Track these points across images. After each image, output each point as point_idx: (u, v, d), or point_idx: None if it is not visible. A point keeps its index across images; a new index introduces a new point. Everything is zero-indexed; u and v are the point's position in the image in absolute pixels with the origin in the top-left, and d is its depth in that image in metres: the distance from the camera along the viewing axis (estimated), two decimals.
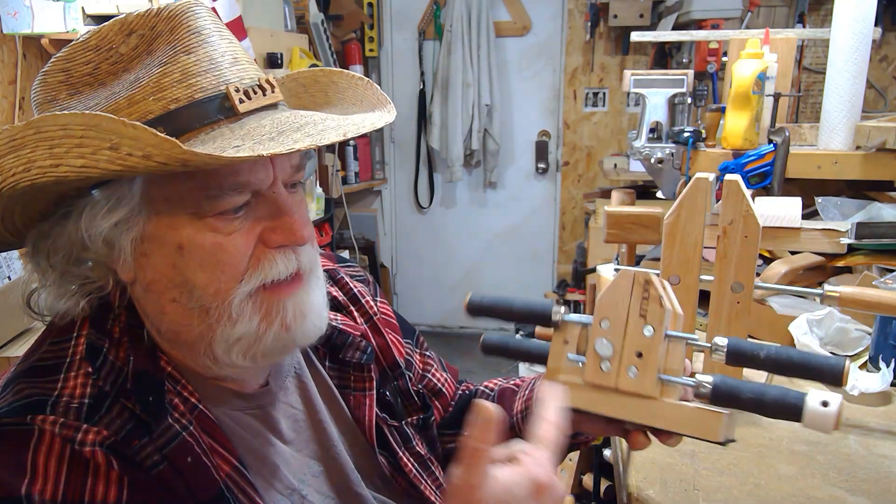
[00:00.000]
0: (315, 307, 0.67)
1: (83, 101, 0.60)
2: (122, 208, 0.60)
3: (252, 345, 0.63)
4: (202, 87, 0.59)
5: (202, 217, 0.60)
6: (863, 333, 1.20)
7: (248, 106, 0.61)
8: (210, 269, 0.61)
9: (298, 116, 0.62)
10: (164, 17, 0.60)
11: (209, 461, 0.63)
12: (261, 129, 0.59)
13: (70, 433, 0.56)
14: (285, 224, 0.62)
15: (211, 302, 0.62)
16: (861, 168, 1.50)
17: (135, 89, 0.59)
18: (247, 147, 0.56)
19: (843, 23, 1.49)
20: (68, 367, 0.61)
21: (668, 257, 1.01)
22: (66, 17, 2.49)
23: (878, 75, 3.38)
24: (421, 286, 4.38)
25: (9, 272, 2.05)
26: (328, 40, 3.34)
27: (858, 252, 1.32)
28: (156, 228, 0.61)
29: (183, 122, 0.58)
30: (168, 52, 0.59)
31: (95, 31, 0.61)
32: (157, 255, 0.61)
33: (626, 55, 3.76)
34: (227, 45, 0.62)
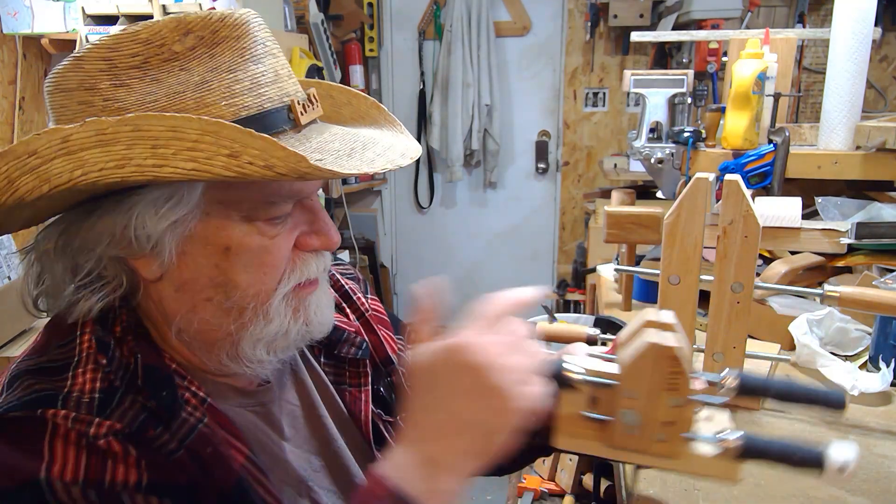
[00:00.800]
0: (329, 302, 0.72)
1: (134, 93, 0.58)
2: (182, 209, 0.60)
3: (276, 340, 0.67)
4: (270, 97, 0.62)
5: (252, 221, 0.62)
6: (863, 333, 1.20)
7: (306, 118, 0.64)
8: (254, 271, 0.63)
9: (344, 134, 0.66)
10: (229, 24, 0.61)
11: (226, 451, 0.63)
12: (329, 144, 0.63)
13: (83, 427, 0.56)
14: (322, 230, 0.67)
15: (249, 302, 0.64)
16: (861, 168, 1.50)
17: (202, 92, 0.59)
18: (330, 160, 0.60)
19: (843, 23, 1.49)
20: (76, 365, 0.61)
21: (668, 257, 1.01)
22: (66, 17, 2.49)
23: (878, 75, 3.38)
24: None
25: (9, 272, 2.05)
26: (328, 40, 3.34)
27: (858, 252, 1.32)
28: (204, 229, 0.61)
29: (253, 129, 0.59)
30: (237, 60, 0.61)
31: (147, 25, 0.60)
32: (199, 255, 0.62)
33: (626, 55, 3.76)
34: (283, 58, 0.66)
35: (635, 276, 1.55)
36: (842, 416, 0.66)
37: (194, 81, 0.59)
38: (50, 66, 2.84)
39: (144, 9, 2.35)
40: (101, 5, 2.37)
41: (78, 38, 2.40)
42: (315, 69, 2.88)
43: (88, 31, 2.39)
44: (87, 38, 2.40)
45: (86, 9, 2.38)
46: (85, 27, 2.39)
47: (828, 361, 1.13)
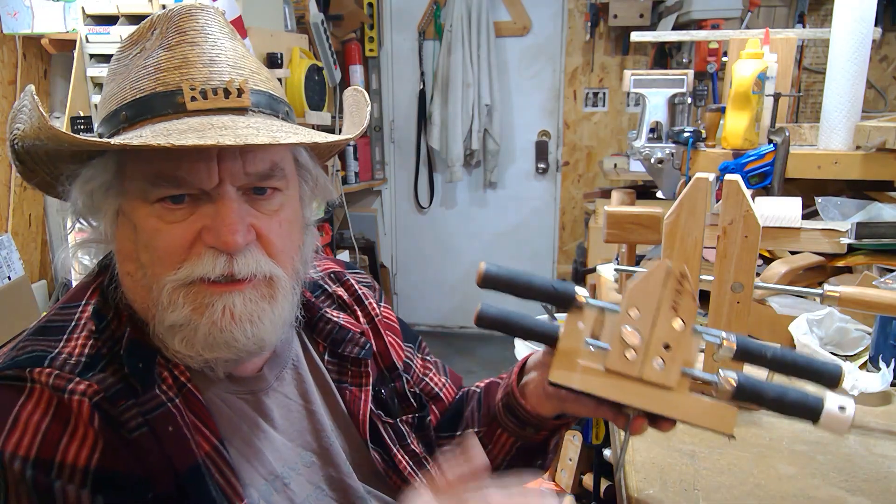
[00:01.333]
0: (253, 317, 0.66)
1: (112, 84, 0.69)
2: (100, 177, 0.66)
3: (189, 336, 0.65)
4: (165, 81, 0.65)
5: (149, 202, 0.64)
6: (863, 333, 1.20)
7: (199, 105, 0.64)
8: (150, 252, 0.65)
9: (232, 122, 0.63)
10: (167, 17, 0.68)
11: (189, 435, 0.65)
12: (181, 125, 0.62)
13: (62, 383, 0.60)
14: (216, 226, 0.64)
15: (152, 283, 0.66)
16: (861, 168, 1.50)
17: (124, 78, 0.68)
18: (139, 139, 0.60)
19: (843, 23, 1.49)
20: (72, 329, 0.66)
21: (668, 257, 1.01)
22: (66, 17, 2.49)
23: (878, 75, 3.38)
24: (421, 286, 4.38)
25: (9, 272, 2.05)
26: (328, 40, 3.34)
27: (858, 252, 1.32)
28: (124, 205, 0.67)
29: (139, 110, 0.65)
30: (153, 48, 0.67)
31: (139, 27, 0.70)
32: (124, 228, 0.67)
33: (626, 55, 3.76)
34: (210, 47, 0.67)
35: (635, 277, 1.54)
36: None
37: (125, 69, 0.68)
38: (50, 66, 2.84)
39: (144, 9, 2.35)
40: (101, 5, 2.37)
41: (78, 38, 2.40)
42: (315, 69, 2.88)
43: (88, 31, 2.39)
44: (86, 37, 2.40)
45: (86, 9, 2.38)
46: (85, 27, 2.39)
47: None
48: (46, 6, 2.49)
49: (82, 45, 2.40)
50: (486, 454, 0.89)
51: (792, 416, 0.64)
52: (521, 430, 0.85)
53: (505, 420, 0.86)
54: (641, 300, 0.65)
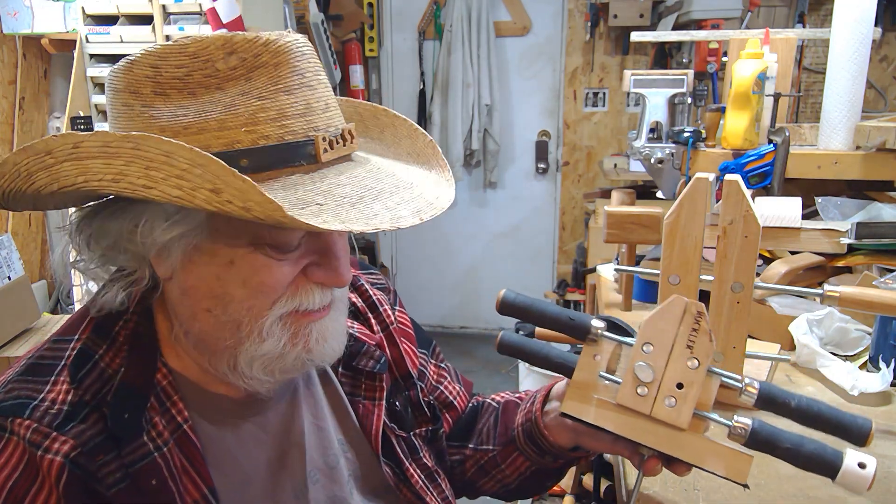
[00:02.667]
0: (337, 333, 0.70)
1: (169, 104, 0.60)
2: (185, 225, 0.61)
3: (274, 361, 0.65)
4: (293, 130, 0.61)
5: (260, 243, 0.62)
6: (863, 333, 1.20)
7: (329, 156, 0.63)
8: (251, 288, 0.63)
9: (372, 177, 0.64)
10: (271, 50, 0.61)
11: (175, 486, 0.64)
12: (340, 188, 0.61)
13: (38, 439, 0.59)
14: (332, 266, 0.65)
15: (244, 318, 0.63)
16: (861, 168, 1.50)
17: (227, 114, 0.59)
18: (328, 209, 0.58)
19: (843, 23, 1.49)
20: (60, 371, 0.64)
21: (668, 257, 1.01)
22: (66, 17, 2.49)
23: (878, 75, 3.38)
24: (421, 286, 4.38)
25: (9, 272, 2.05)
26: (328, 40, 3.34)
27: (858, 252, 1.32)
28: (213, 244, 0.62)
29: (267, 160, 0.60)
30: (269, 87, 0.60)
31: (197, 40, 0.60)
32: (204, 265, 0.63)
33: (626, 55, 3.76)
34: (324, 90, 0.64)
35: (635, 276, 1.55)
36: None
37: (224, 102, 0.59)
38: (50, 66, 2.84)
39: (144, 9, 2.35)
40: (101, 5, 2.37)
41: (78, 38, 2.40)
42: None
43: (88, 31, 2.39)
44: (86, 37, 2.40)
45: (86, 9, 2.38)
46: (85, 27, 2.39)
47: (828, 361, 1.13)
48: (46, 6, 2.49)
49: (82, 45, 2.40)
50: (499, 473, 0.89)
51: (808, 469, 0.61)
52: (539, 457, 0.85)
53: (524, 446, 0.85)
54: (656, 336, 0.64)
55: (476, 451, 0.91)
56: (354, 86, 3.75)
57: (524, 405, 0.89)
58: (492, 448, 0.89)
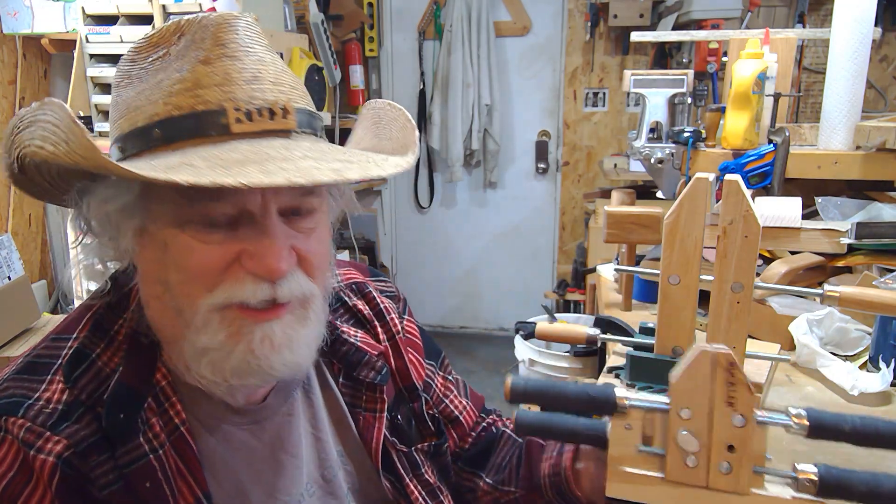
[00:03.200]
0: (291, 342, 0.64)
1: (128, 90, 0.64)
2: (121, 198, 0.62)
3: (219, 361, 0.62)
4: (206, 99, 0.59)
5: (186, 221, 0.60)
6: (863, 333, 1.20)
7: (244, 127, 0.59)
8: (182, 272, 0.61)
9: (285, 148, 0.59)
10: (202, 25, 0.62)
11: (170, 489, 0.63)
12: (231, 153, 0.57)
13: (31, 438, 0.59)
14: (260, 252, 0.60)
15: (182, 304, 0.62)
16: (861, 168, 1.50)
17: (155, 90, 0.61)
18: (194, 170, 0.54)
19: (843, 23, 1.49)
20: (56, 370, 0.64)
21: (668, 257, 1.01)
22: (66, 17, 2.49)
23: (878, 75, 3.38)
24: (421, 286, 4.38)
25: (9, 272, 2.05)
26: (328, 40, 3.34)
27: (858, 252, 1.32)
28: (152, 224, 0.62)
29: (177, 130, 0.59)
30: (192, 61, 0.60)
31: (160, 28, 0.64)
32: (149, 248, 0.63)
33: (626, 55, 3.76)
34: (254, 62, 0.61)
35: (635, 276, 1.55)
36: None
37: (155, 81, 0.61)
38: (50, 66, 2.84)
39: (144, 9, 2.35)
40: (101, 5, 2.37)
41: (78, 38, 2.40)
42: (315, 69, 2.88)
43: (88, 31, 2.39)
44: (86, 37, 2.40)
45: (86, 9, 2.38)
46: (85, 27, 2.39)
47: (828, 361, 1.13)
48: (46, 6, 2.49)
49: (82, 45, 2.40)
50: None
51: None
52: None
53: (550, 496, 0.82)
54: (690, 398, 0.58)
55: (496, 489, 0.87)
56: (354, 86, 3.75)
57: (549, 452, 0.85)
58: (514, 490, 0.86)
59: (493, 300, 4.33)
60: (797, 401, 1.10)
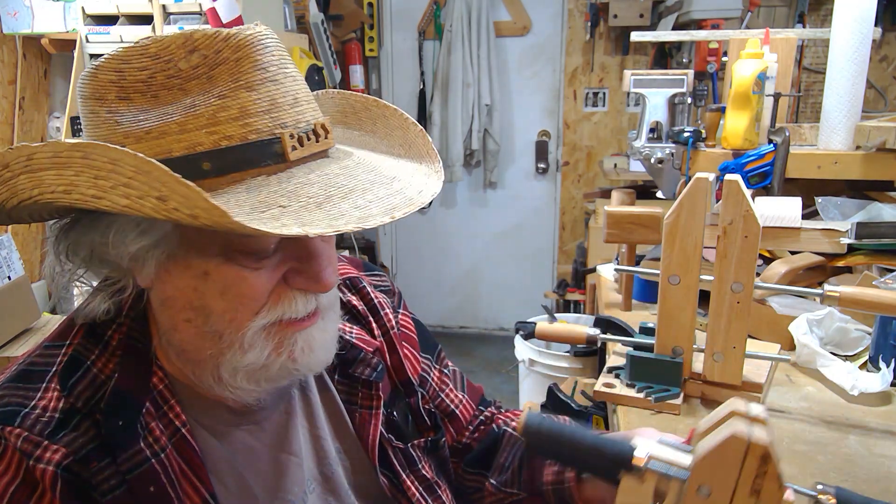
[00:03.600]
0: (325, 342, 0.67)
1: (132, 108, 0.58)
2: (153, 235, 0.59)
3: (258, 371, 0.64)
4: (257, 128, 0.58)
5: (231, 251, 0.60)
6: (863, 333, 1.20)
7: (299, 154, 0.59)
8: (230, 299, 0.61)
9: (346, 174, 0.60)
10: (231, 45, 0.58)
11: (174, 492, 0.63)
12: (307, 187, 0.57)
13: (29, 448, 0.58)
14: (311, 271, 0.62)
15: (225, 329, 0.62)
16: (861, 168, 1.50)
17: (188, 116, 0.57)
18: (290, 212, 0.54)
19: (843, 23, 1.49)
20: (51, 378, 0.63)
21: (668, 257, 1.01)
22: (66, 17, 2.49)
23: (878, 75, 3.38)
24: (421, 286, 4.38)
25: (9, 272, 2.05)
26: (328, 40, 3.34)
27: (858, 252, 1.32)
28: (185, 253, 0.60)
29: (231, 162, 0.57)
30: (230, 85, 0.58)
31: (157, 40, 0.58)
32: (179, 276, 0.61)
33: (626, 55, 3.76)
34: (291, 83, 0.61)
35: (635, 276, 1.55)
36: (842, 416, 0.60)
37: (185, 104, 0.57)
38: (50, 66, 2.84)
39: (144, 9, 2.35)
40: (101, 5, 2.38)
41: (78, 38, 2.40)
42: (315, 69, 2.88)
43: (88, 31, 2.39)
44: (86, 37, 2.40)
45: (86, 9, 2.38)
46: (85, 27, 2.39)
47: (828, 361, 1.13)
48: (46, 6, 2.49)
49: (82, 45, 2.40)
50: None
51: None
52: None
53: (553, 503, 0.82)
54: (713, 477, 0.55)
55: (500, 490, 0.87)
56: (354, 86, 3.75)
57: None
58: (517, 492, 0.86)
59: (492, 300, 4.33)
60: (797, 401, 1.10)
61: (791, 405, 1.08)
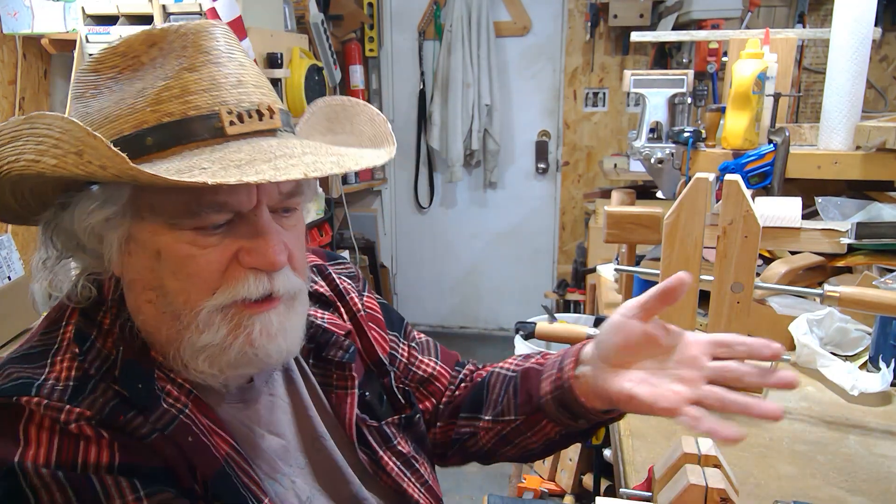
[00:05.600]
0: (286, 331, 0.68)
1: (100, 99, 0.64)
2: (110, 207, 0.63)
3: (217, 355, 0.65)
4: (197, 105, 0.62)
5: (180, 228, 0.62)
6: (863, 333, 1.20)
7: (238, 129, 0.62)
8: (182, 279, 0.63)
9: (282, 146, 0.63)
10: (180, 34, 0.64)
11: (208, 440, 0.65)
12: (236, 154, 0.60)
13: (54, 414, 0.59)
14: (259, 248, 0.64)
15: (181, 309, 0.64)
16: (861, 168, 1.51)
17: (138, 98, 0.62)
18: (209, 172, 0.57)
19: (843, 23, 1.49)
20: (55, 353, 0.64)
21: (668, 257, 1.01)
22: (66, 17, 2.49)
23: (878, 75, 3.38)
24: (421, 286, 4.38)
25: (9, 272, 2.05)
26: (328, 40, 3.34)
27: (858, 252, 1.32)
28: (139, 231, 0.64)
29: (171, 136, 0.61)
30: (175, 68, 0.62)
31: (125, 39, 0.64)
32: (138, 256, 0.65)
33: (626, 55, 3.76)
34: (236, 67, 0.65)
35: (635, 276, 1.55)
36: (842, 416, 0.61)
37: (137, 89, 0.62)
38: (50, 66, 2.84)
39: (144, 9, 2.35)
40: (101, 5, 2.37)
41: (78, 38, 2.40)
42: (315, 69, 2.88)
43: (88, 31, 2.39)
44: (86, 37, 2.40)
45: (86, 9, 2.38)
46: (85, 27, 2.39)
47: (828, 361, 1.13)
48: (46, 6, 2.49)
49: (82, 45, 2.40)
50: (523, 440, 0.88)
51: None
52: (572, 422, 0.83)
53: (556, 414, 0.83)
54: None
55: (496, 422, 0.89)
56: (354, 86, 3.75)
57: (549, 371, 0.86)
58: (514, 418, 0.87)
59: (493, 300, 4.33)
60: (797, 401, 1.10)
61: (791, 405, 1.08)
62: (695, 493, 0.56)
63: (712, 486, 0.56)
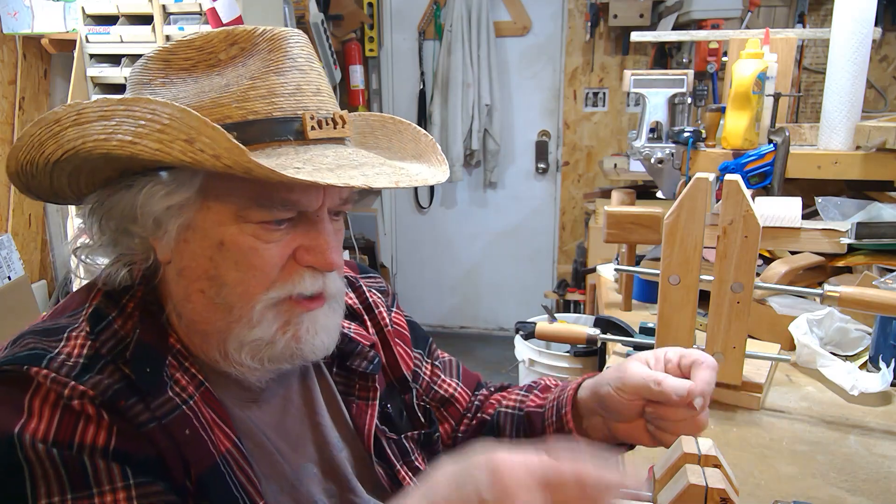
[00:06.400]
0: (328, 328, 0.71)
1: (172, 89, 0.65)
2: (180, 195, 0.64)
3: (262, 348, 0.67)
4: (282, 107, 0.64)
5: (248, 221, 0.64)
6: (863, 333, 1.20)
7: (317, 134, 0.66)
8: (243, 270, 0.65)
9: (359, 155, 0.67)
10: (267, 38, 0.66)
11: (207, 435, 0.65)
12: (323, 158, 0.64)
13: (59, 388, 0.60)
14: (319, 248, 0.67)
15: (236, 301, 0.66)
16: (861, 168, 1.51)
17: (222, 93, 0.64)
18: (306, 171, 0.60)
19: (843, 23, 1.49)
20: (72, 329, 0.65)
21: (668, 257, 1.01)
22: (66, 17, 2.49)
23: (878, 75, 3.38)
24: (421, 286, 4.38)
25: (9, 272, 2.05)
26: (328, 40, 3.34)
27: (858, 252, 1.32)
28: (203, 220, 0.65)
29: (255, 134, 0.63)
30: (261, 69, 0.65)
31: (202, 35, 0.67)
32: (197, 245, 0.66)
33: (626, 55, 3.76)
34: (316, 76, 0.68)
35: (635, 276, 1.55)
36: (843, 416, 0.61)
37: (220, 84, 0.65)
38: (50, 66, 2.84)
39: (144, 9, 2.35)
40: (101, 5, 2.37)
41: (78, 39, 2.40)
42: None
43: (88, 31, 2.39)
44: (86, 37, 2.40)
45: (86, 9, 2.38)
46: (85, 27, 2.39)
47: (828, 361, 1.13)
48: (46, 6, 2.49)
49: (82, 45, 2.40)
50: None
51: None
52: None
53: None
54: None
55: None
56: (354, 86, 3.75)
57: (549, 418, 0.88)
58: None
59: (493, 300, 4.33)
60: (797, 401, 1.10)
61: (791, 405, 1.08)
62: (695, 493, 0.56)
63: (712, 486, 0.56)
